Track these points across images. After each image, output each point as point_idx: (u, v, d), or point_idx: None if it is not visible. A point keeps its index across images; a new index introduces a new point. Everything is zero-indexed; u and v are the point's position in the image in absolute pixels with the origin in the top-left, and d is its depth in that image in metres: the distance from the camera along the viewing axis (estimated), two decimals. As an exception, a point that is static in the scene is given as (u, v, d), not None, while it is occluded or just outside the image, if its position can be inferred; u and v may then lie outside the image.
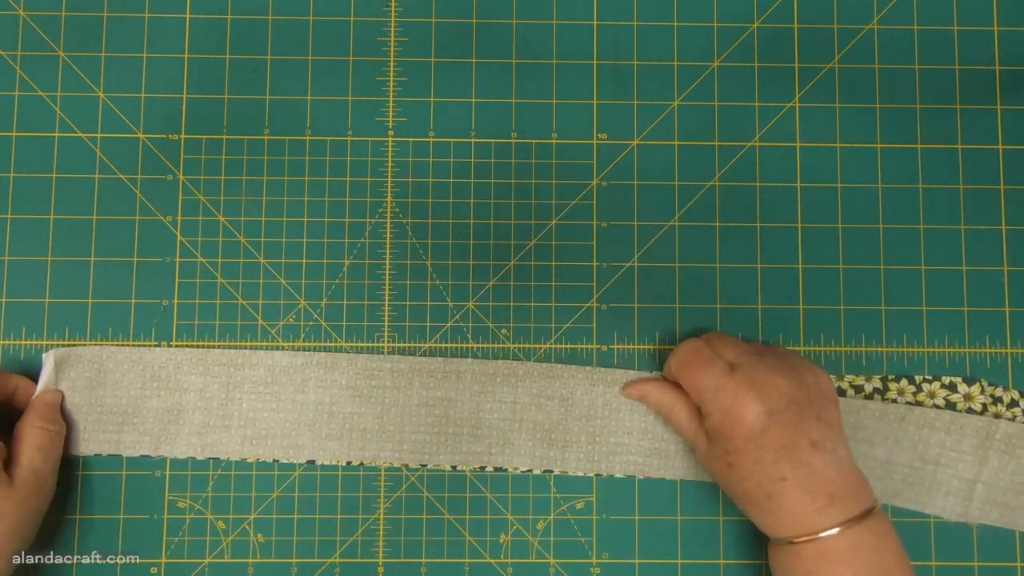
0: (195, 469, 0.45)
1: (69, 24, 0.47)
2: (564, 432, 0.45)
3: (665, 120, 0.47)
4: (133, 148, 0.47)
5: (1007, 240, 0.47)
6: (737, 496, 0.40)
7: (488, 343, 0.46)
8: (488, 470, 0.45)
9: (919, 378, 0.46)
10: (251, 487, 0.45)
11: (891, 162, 0.47)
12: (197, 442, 0.45)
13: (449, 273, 0.46)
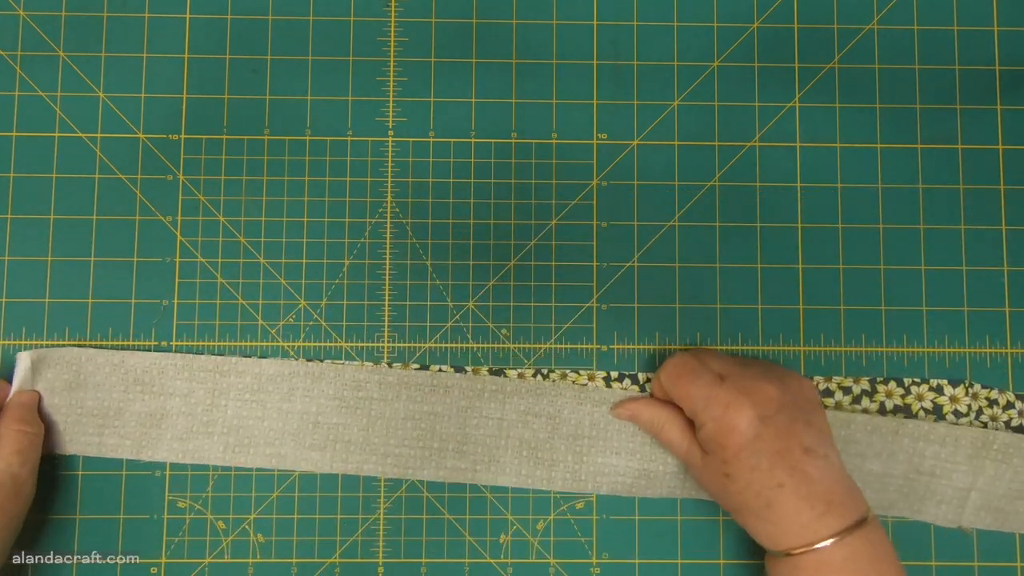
0: (195, 469, 0.45)
1: (69, 24, 0.47)
2: (551, 451, 0.45)
3: (665, 120, 0.47)
4: (133, 148, 0.47)
5: (1007, 240, 0.47)
6: (736, 508, 0.40)
7: (488, 343, 0.46)
8: None
9: (908, 380, 0.46)
10: (251, 487, 0.45)
11: (891, 162, 0.47)
12: (179, 447, 0.44)
13: (449, 273, 0.46)
